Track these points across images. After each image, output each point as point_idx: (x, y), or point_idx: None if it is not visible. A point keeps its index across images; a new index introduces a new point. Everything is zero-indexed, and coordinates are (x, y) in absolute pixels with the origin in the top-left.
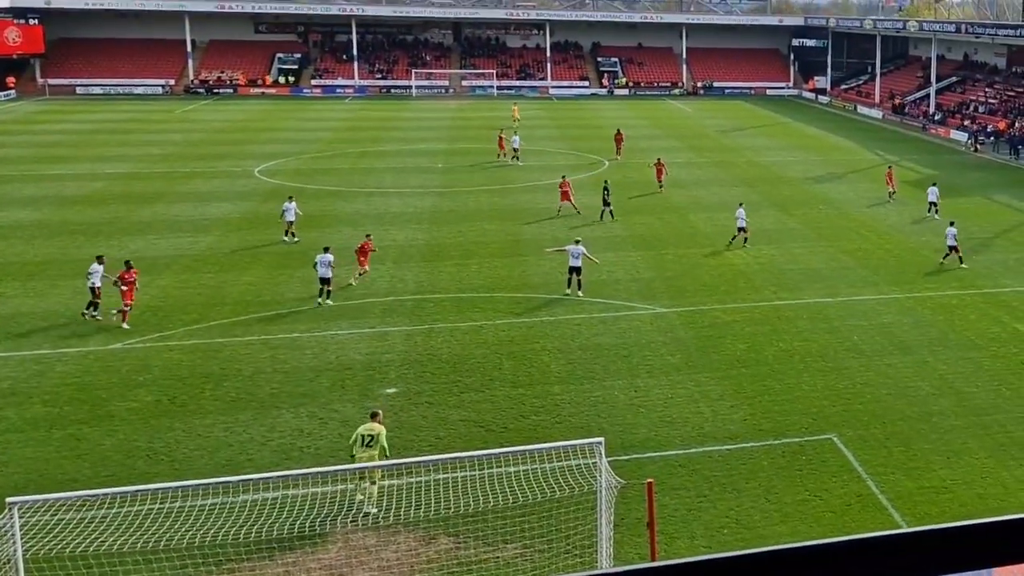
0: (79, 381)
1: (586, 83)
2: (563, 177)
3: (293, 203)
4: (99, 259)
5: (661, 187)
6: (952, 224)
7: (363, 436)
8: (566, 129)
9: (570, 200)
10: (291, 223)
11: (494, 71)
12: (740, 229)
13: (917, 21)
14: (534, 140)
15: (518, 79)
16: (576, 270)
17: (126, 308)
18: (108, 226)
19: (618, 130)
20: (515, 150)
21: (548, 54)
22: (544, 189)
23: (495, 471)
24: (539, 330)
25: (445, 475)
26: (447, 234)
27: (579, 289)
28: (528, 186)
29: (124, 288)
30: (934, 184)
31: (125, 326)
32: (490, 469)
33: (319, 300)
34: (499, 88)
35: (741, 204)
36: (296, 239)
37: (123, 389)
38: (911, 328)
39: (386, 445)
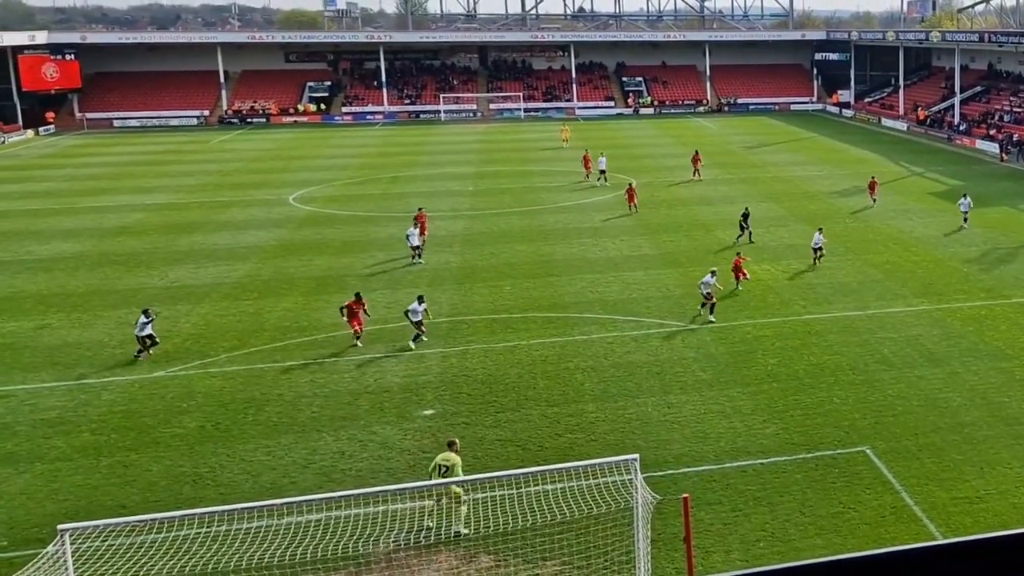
0: (125, 409)
1: (611, 103)
2: (420, 209)
3: (416, 229)
4: (146, 313)
5: (634, 210)
6: (965, 196)
7: (440, 466)
8: (594, 150)
9: (423, 234)
10: (417, 247)
11: (521, 94)
12: (816, 249)
13: (940, 32)
14: (562, 161)
15: (544, 101)
16: (706, 296)
17: (356, 330)
18: (148, 256)
19: (696, 151)
20: (602, 172)
21: (573, 75)
22: (572, 210)
23: (532, 489)
24: (572, 349)
25: (484, 494)
26: (479, 256)
27: (710, 313)
28: (557, 207)
29: (353, 319)
30: (965, 195)
31: (359, 343)
32: (527, 487)
33: (412, 343)
34: (526, 110)
35: (820, 229)
36: (421, 261)
37: (168, 416)
38: (941, 339)
39: (461, 475)
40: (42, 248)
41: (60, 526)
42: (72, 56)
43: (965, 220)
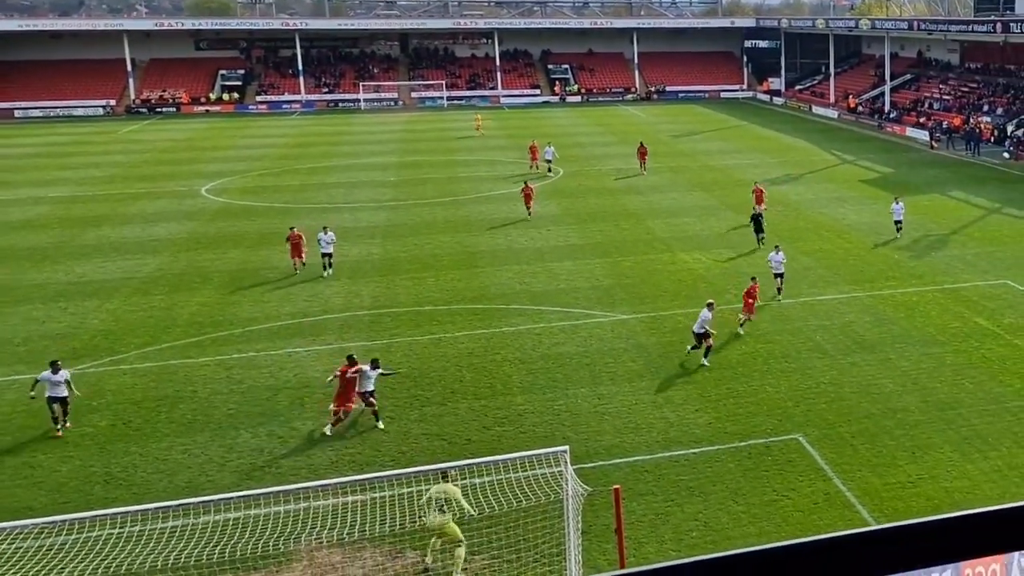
0: (30, 407)
1: (537, 91)
2: (292, 228)
3: (330, 234)
4: (54, 367)
5: (530, 214)
6: (897, 200)
7: (436, 500)
8: (518, 139)
9: (300, 257)
10: (328, 255)
11: (443, 82)
12: (777, 275)
13: (869, 19)
14: (486, 150)
15: (468, 89)
16: (699, 336)
17: (339, 411)
18: (54, 251)
19: (641, 143)
20: (548, 161)
21: (498, 63)
22: (497, 200)
23: (460, 483)
24: (499, 341)
25: (410, 489)
26: (402, 248)
27: (704, 356)
28: (481, 197)
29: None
30: (897, 199)
31: (328, 431)
32: (455, 482)
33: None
34: (449, 99)
35: (777, 247)
36: (329, 273)
37: (77, 414)
38: (873, 326)
39: (467, 506)
40: None
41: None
42: None
43: (899, 229)
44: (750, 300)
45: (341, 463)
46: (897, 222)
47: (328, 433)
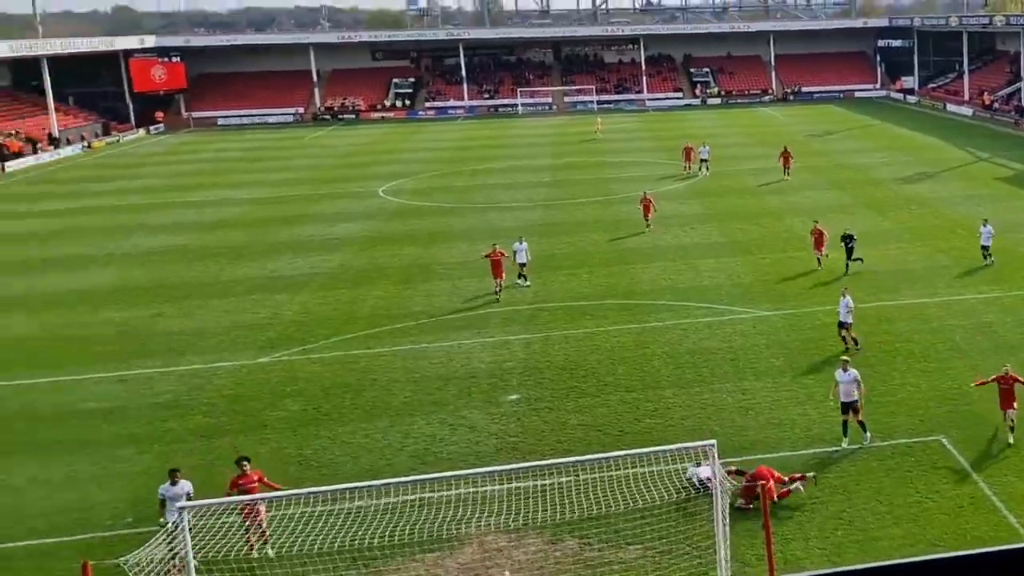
0: (233, 393)
1: (680, 94)
2: (494, 245)
3: (524, 244)
4: (172, 476)
5: (648, 225)
6: (986, 223)
7: None
8: (663, 140)
9: (500, 276)
10: (523, 265)
11: (593, 86)
12: (843, 325)
13: (1003, 16)
14: (633, 152)
15: (616, 93)
16: (850, 406)
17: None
18: (248, 249)
19: (785, 147)
20: (703, 160)
21: (643, 67)
22: None
23: (614, 474)
24: (648, 336)
25: (568, 478)
26: (557, 245)
27: (864, 429)
28: (629, 197)
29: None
30: (986, 222)
31: None
32: (609, 472)
33: None
34: (599, 103)
35: (845, 291)
36: (527, 283)
37: (273, 399)
38: (1014, 327)
39: None
40: (151, 241)
41: (179, 504)
42: (178, 58)
43: (986, 255)
44: (1005, 387)
45: (504, 451)
46: (984, 247)
47: None
